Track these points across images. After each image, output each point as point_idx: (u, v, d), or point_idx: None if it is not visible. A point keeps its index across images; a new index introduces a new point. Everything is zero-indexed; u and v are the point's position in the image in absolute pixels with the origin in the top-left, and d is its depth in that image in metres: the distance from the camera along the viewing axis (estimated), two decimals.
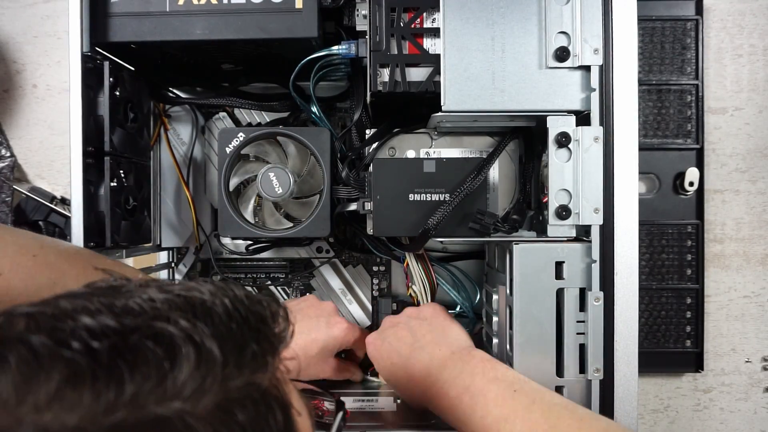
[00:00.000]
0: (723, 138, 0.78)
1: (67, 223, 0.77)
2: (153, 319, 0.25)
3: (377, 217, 0.58)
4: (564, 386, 0.53)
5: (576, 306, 0.52)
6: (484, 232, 0.56)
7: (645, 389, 0.79)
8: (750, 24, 0.78)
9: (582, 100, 0.52)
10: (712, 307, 0.78)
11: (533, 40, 0.52)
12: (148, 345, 0.24)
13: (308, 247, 0.74)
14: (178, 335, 0.25)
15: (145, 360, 0.23)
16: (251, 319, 0.29)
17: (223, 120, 0.73)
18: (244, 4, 0.56)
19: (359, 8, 0.59)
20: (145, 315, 0.25)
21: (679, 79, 0.76)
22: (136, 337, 0.24)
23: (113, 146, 0.60)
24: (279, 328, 0.30)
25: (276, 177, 0.61)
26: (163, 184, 0.73)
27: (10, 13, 0.81)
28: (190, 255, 0.75)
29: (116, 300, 0.26)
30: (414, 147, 0.63)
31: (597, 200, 0.52)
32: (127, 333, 0.24)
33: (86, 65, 0.57)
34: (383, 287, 0.75)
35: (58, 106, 0.81)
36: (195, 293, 0.28)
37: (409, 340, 0.56)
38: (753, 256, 0.79)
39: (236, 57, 0.64)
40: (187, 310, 0.27)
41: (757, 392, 0.79)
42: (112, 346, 0.23)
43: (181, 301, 0.27)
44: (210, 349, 0.25)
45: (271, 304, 0.31)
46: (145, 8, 0.57)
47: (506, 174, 0.62)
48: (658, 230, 0.76)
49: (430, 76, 0.55)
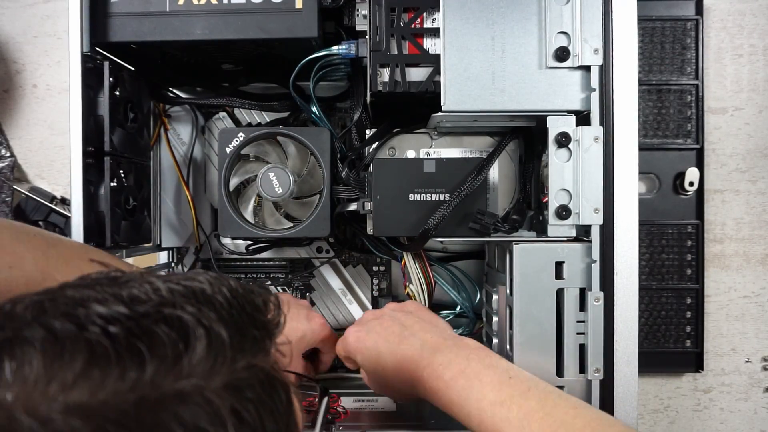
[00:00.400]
0: (723, 138, 0.78)
1: (67, 223, 0.77)
2: (161, 305, 0.27)
3: (377, 217, 0.58)
4: (564, 386, 0.53)
5: (576, 306, 0.52)
6: (484, 232, 0.56)
7: (645, 389, 0.79)
8: (750, 24, 0.78)
9: (582, 100, 0.52)
10: (712, 307, 0.78)
11: (533, 40, 0.52)
12: (162, 328, 0.25)
13: (308, 247, 0.74)
14: (188, 319, 0.26)
15: (161, 342, 0.25)
16: (247, 307, 0.30)
17: (223, 120, 0.73)
18: (244, 4, 0.56)
19: (359, 8, 0.59)
20: (153, 302, 0.27)
21: (679, 79, 0.76)
22: (149, 322, 0.25)
23: (113, 146, 0.60)
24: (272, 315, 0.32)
25: (276, 177, 0.61)
26: (163, 184, 0.73)
27: (10, 13, 0.81)
28: (190, 255, 0.75)
29: (121, 290, 0.27)
30: (414, 147, 0.63)
31: (597, 200, 0.52)
32: (139, 318, 0.25)
33: (86, 65, 0.57)
34: (383, 287, 0.75)
35: (58, 106, 0.81)
36: (195, 283, 0.29)
37: (397, 330, 0.55)
38: (753, 256, 0.79)
39: (236, 57, 0.64)
40: (191, 297, 0.28)
41: (757, 392, 0.79)
42: (129, 329, 0.25)
43: (183, 289, 0.28)
44: (219, 332, 0.27)
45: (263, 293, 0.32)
46: (145, 8, 0.57)
47: (506, 174, 0.62)
48: (658, 230, 0.76)
49: (430, 76, 0.55)
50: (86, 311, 0.25)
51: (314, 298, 0.75)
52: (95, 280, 0.29)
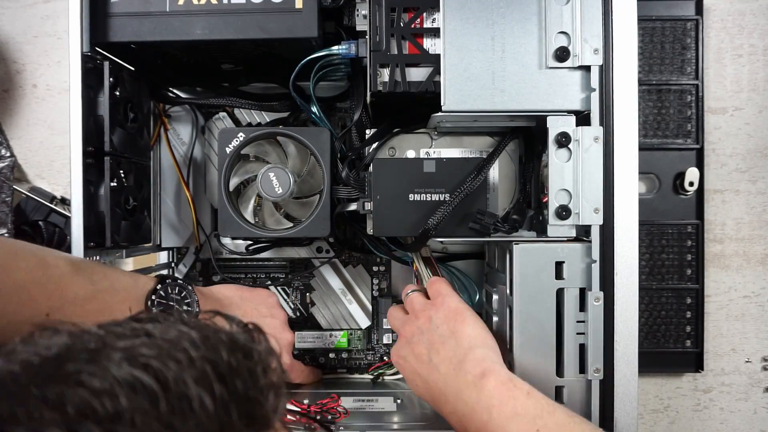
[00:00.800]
0: (723, 138, 0.78)
1: (67, 223, 0.77)
2: (113, 421, 0.20)
3: (377, 217, 0.58)
4: (564, 386, 0.53)
5: (576, 306, 0.52)
6: (484, 232, 0.56)
7: (645, 389, 0.79)
8: (750, 24, 0.78)
9: (582, 100, 0.52)
10: (712, 307, 0.78)
11: (533, 40, 0.52)
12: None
13: (308, 247, 0.74)
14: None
15: None
16: (239, 387, 0.24)
17: (223, 120, 0.73)
18: (244, 4, 0.56)
19: (359, 8, 0.59)
20: (103, 415, 0.20)
21: (679, 79, 0.76)
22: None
23: (113, 146, 0.60)
24: (274, 387, 0.26)
25: (276, 177, 0.61)
26: (163, 184, 0.73)
27: (10, 13, 0.81)
28: (190, 255, 0.75)
29: (50, 388, 0.20)
30: (414, 147, 0.63)
31: (597, 200, 0.52)
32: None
33: (86, 65, 0.57)
34: (383, 287, 0.75)
35: (58, 106, 0.81)
36: (169, 362, 0.23)
37: (425, 358, 0.52)
38: (753, 256, 0.79)
39: (236, 57, 0.64)
40: (158, 400, 0.21)
41: (757, 392, 0.79)
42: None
43: (150, 381, 0.22)
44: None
45: (263, 352, 0.27)
46: (145, 8, 0.57)
47: (506, 174, 0.62)
48: (658, 230, 0.76)
49: (430, 76, 0.55)
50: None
51: (314, 298, 0.75)
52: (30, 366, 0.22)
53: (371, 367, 0.74)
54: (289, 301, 0.75)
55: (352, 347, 0.74)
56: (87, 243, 0.56)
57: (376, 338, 0.74)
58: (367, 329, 0.74)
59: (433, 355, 0.52)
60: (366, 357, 0.75)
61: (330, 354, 0.75)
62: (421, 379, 0.52)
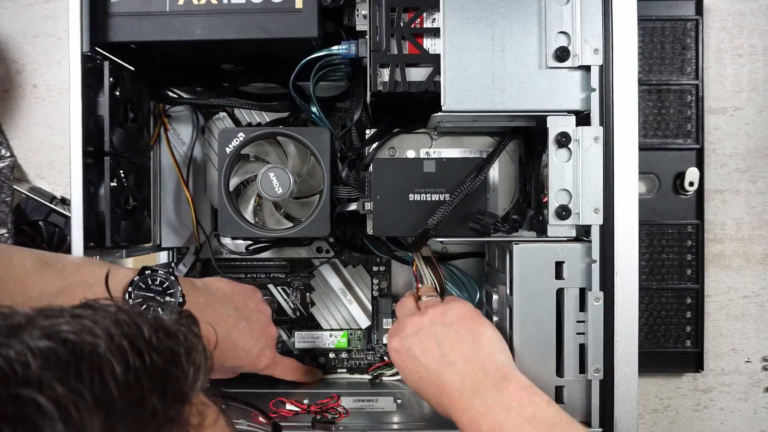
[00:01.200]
0: (723, 138, 0.78)
1: (67, 223, 0.77)
2: (21, 384, 0.21)
3: (377, 217, 0.58)
4: (564, 386, 0.53)
5: (576, 306, 0.52)
6: (484, 232, 0.56)
7: (645, 389, 0.79)
8: (750, 24, 0.78)
9: (582, 100, 0.52)
10: (712, 307, 0.78)
11: (533, 40, 0.52)
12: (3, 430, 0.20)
13: (308, 247, 0.74)
14: (47, 408, 0.20)
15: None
16: (158, 362, 0.25)
17: (223, 120, 0.73)
18: (244, 4, 0.56)
19: (359, 8, 0.59)
20: (12, 379, 0.21)
21: (679, 79, 0.76)
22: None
23: (113, 146, 0.60)
24: (195, 364, 0.27)
25: (276, 177, 0.61)
26: (163, 184, 0.73)
27: (10, 13, 0.81)
28: (190, 255, 0.75)
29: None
30: (414, 147, 0.63)
31: (597, 200, 0.52)
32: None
33: (86, 65, 0.57)
34: (383, 287, 0.75)
35: (58, 106, 0.81)
36: (87, 336, 0.23)
37: (437, 353, 0.51)
38: (753, 256, 0.79)
39: (236, 57, 0.64)
40: (69, 368, 0.22)
41: (757, 392, 0.79)
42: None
43: (65, 352, 0.22)
44: (87, 425, 0.21)
45: (189, 335, 0.27)
46: (145, 8, 0.57)
47: (506, 174, 0.62)
48: (658, 230, 0.76)
49: (430, 76, 0.55)
50: None
51: (314, 298, 0.75)
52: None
53: (371, 367, 0.74)
54: (289, 301, 0.75)
55: (352, 347, 0.74)
56: (87, 243, 0.56)
57: (376, 338, 0.74)
58: (367, 329, 0.74)
59: (448, 351, 0.50)
60: (366, 357, 0.75)
61: (330, 354, 0.75)
62: (426, 373, 0.51)
